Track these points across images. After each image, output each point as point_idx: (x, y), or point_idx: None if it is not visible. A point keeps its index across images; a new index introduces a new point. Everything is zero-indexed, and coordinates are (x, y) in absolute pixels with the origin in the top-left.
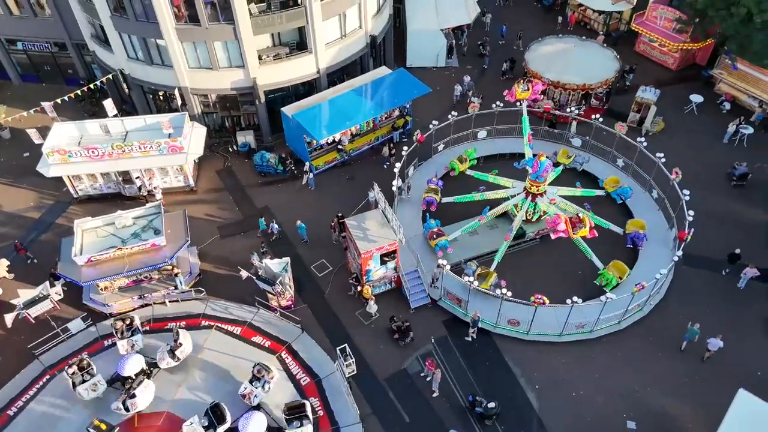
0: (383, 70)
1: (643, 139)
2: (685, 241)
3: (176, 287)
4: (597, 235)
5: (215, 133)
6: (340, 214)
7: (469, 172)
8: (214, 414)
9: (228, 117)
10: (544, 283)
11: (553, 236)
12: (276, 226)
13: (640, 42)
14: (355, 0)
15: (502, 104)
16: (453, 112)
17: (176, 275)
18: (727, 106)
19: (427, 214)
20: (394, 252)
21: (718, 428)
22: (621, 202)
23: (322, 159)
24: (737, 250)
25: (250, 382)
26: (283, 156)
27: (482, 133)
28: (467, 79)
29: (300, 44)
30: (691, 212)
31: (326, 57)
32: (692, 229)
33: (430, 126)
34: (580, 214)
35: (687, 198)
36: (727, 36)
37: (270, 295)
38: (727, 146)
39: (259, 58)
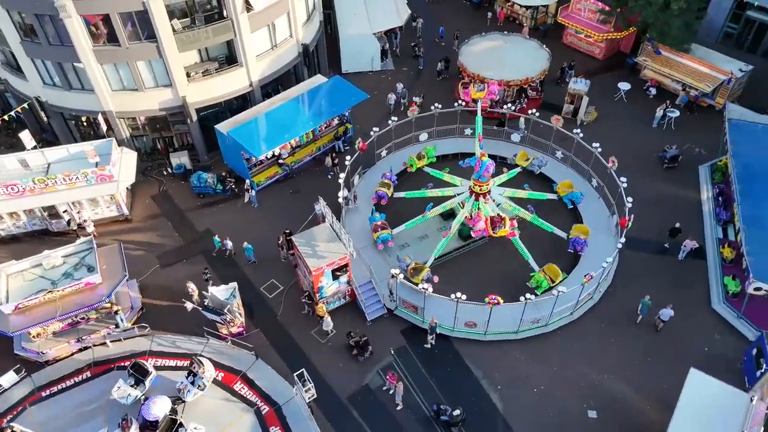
0: (319, 79)
1: (578, 130)
2: (627, 227)
3: (117, 325)
4: (517, 234)
5: (147, 156)
6: (287, 231)
7: (426, 169)
8: (137, 371)
9: (159, 138)
10: (495, 281)
11: (474, 234)
12: (230, 243)
13: (567, 34)
14: (283, 9)
15: (440, 105)
16: (393, 117)
17: (116, 313)
18: (654, 91)
19: (373, 207)
20: (346, 266)
21: (675, 408)
22: (572, 206)
23: (263, 174)
24: (677, 224)
25: (186, 376)
26: (222, 175)
27: (423, 136)
28: (400, 86)
29: (230, 58)
30: (630, 198)
31: (258, 69)
32: (632, 215)
33: (371, 133)
34: (502, 214)
35: (625, 185)
36: (647, 24)
37: (219, 324)
38: (656, 130)
39: (187, 75)
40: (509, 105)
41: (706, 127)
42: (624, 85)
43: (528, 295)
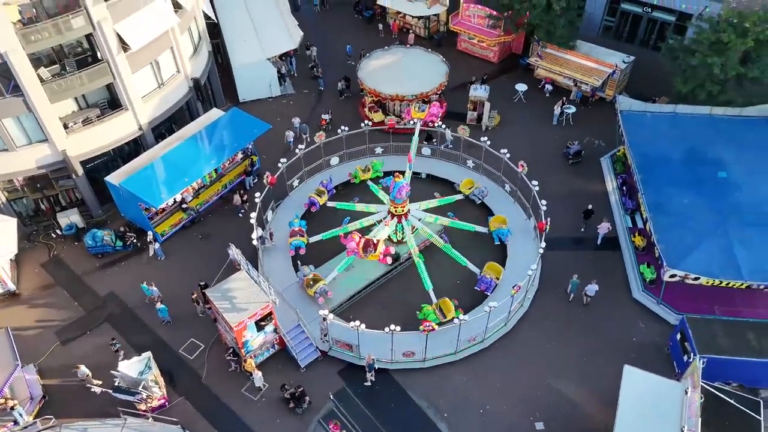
0: (215, 113)
1: (486, 138)
2: (545, 231)
3: (16, 422)
4: (388, 262)
5: (30, 219)
6: (202, 283)
7: (369, 183)
8: None
9: (43, 198)
10: (426, 301)
11: (347, 254)
12: (155, 290)
13: (461, 41)
14: (165, 45)
15: (347, 128)
16: (300, 146)
17: (12, 408)
18: (550, 88)
19: (296, 213)
20: (270, 314)
21: (617, 410)
22: (499, 242)
23: (166, 223)
24: (590, 206)
25: None
26: (120, 230)
27: (334, 160)
28: (297, 121)
29: (113, 102)
30: (544, 201)
31: (146, 111)
32: (548, 219)
33: (279, 164)
34: (375, 239)
35: (537, 188)
36: (534, 25)
37: (136, 402)
38: (557, 127)
39: (65, 126)
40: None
41: (602, 119)
42: (521, 87)
43: (462, 316)
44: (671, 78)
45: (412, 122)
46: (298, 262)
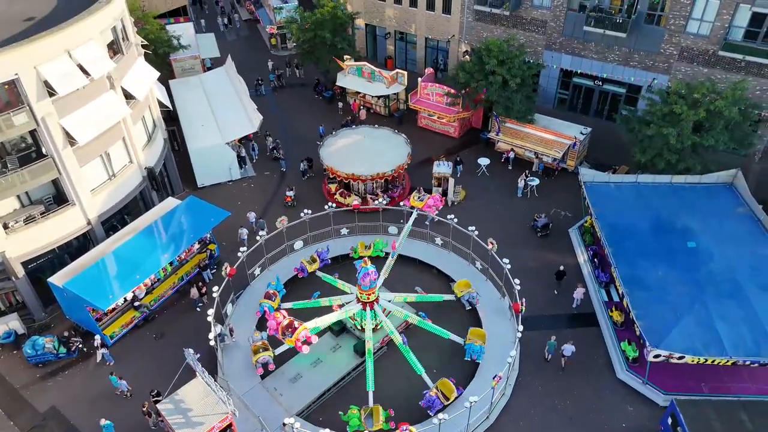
0: (171, 202)
1: (453, 216)
2: (521, 312)
3: None
4: (304, 351)
5: None
6: (153, 392)
7: (319, 273)
8: None
9: None
10: (400, 396)
11: (269, 331)
12: (124, 383)
13: (421, 117)
14: (116, 136)
15: (310, 211)
16: (261, 232)
17: None
18: (512, 155)
19: (277, 275)
20: (230, 426)
21: None
22: (470, 307)
23: (117, 323)
24: (561, 267)
25: None
26: (65, 334)
27: (298, 244)
28: (252, 215)
29: (59, 197)
30: (517, 281)
31: (96, 204)
32: (524, 299)
33: (239, 253)
34: (296, 323)
35: (508, 266)
36: (492, 101)
37: None
38: (522, 199)
39: (5, 226)
40: (381, 200)
41: (566, 190)
42: (483, 161)
43: (441, 416)
44: (629, 148)
45: (377, 201)
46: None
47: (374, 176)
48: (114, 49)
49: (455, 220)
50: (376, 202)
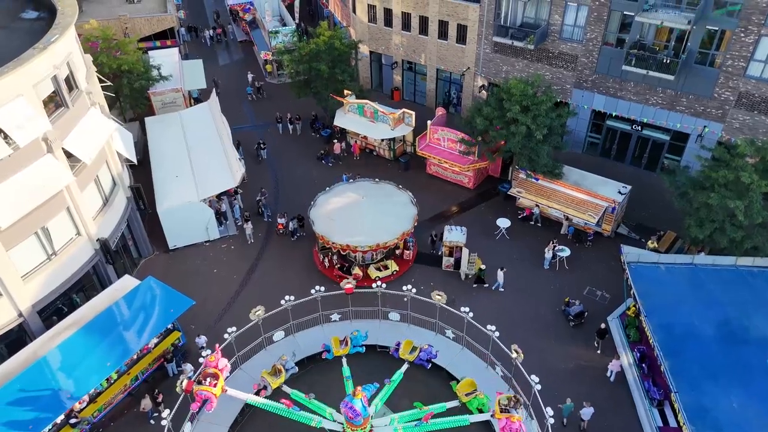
0: (126, 283)
1: (467, 309)
2: None
3: None
4: (192, 408)
5: None
6: None
7: (285, 388)
8: None
9: None
10: None
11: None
12: None
13: (431, 164)
14: (57, 207)
15: (293, 297)
16: (230, 328)
17: None
18: (537, 211)
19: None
20: None
21: None
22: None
23: None
24: (602, 325)
25: None
26: None
27: (279, 335)
28: (202, 340)
29: None
30: (550, 411)
31: (29, 292)
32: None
33: (202, 355)
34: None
35: (538, 386)
36: (513, 153)
37: None
38: (549, 272)
39: None
40: (379, 283)
41: (601, 259)
42: (503, 222)
43: None
44: (676, 206)
45: (375, 285)
46: None
47: (374, 247)
48: (55, 102)
49: (470, 314)
50: (375, 286)
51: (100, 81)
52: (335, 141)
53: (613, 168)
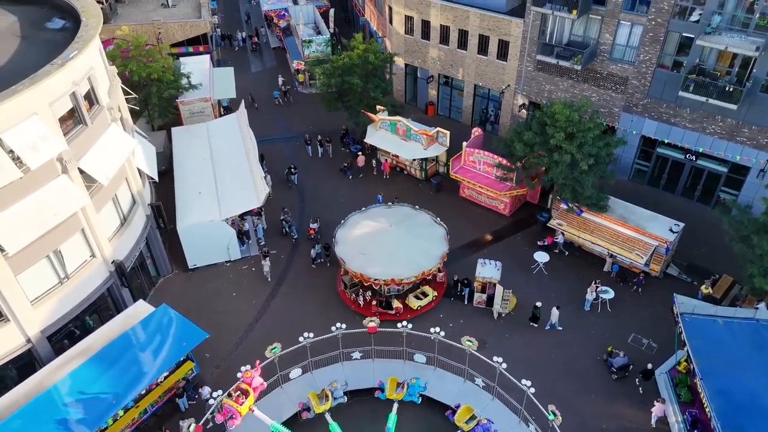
0: (140, 308)
1: (500, 359)
2: None
3: None
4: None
5: None
6: None
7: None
8: None
9: None
10: None
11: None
12: None
13: (464, 186)
14: (71, 230)
15: (312, 335)
16: (243, 367)
17: None
18: (561, 239)
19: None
20: None
21: None
22: None
23: None
24: (649, 365)
25: None
26: None
27: (296, 372)
28: (206, 391)
29: None
30: None
31: (39, 317)
32: None
33: (210, 397)
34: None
35: None
36: (554, 182)
37: None
38: (591, 315)
39: None
40: (407, 325)
41: (648, 304)
42: (541, 257)
43: None
44: (733, 245)
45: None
46: None
47: (388, 281)
48: (74, 118)
49: (504, 365)
50: (399, 325)
51: (125, 93)
52: (359, 153)
53: (662, 198)
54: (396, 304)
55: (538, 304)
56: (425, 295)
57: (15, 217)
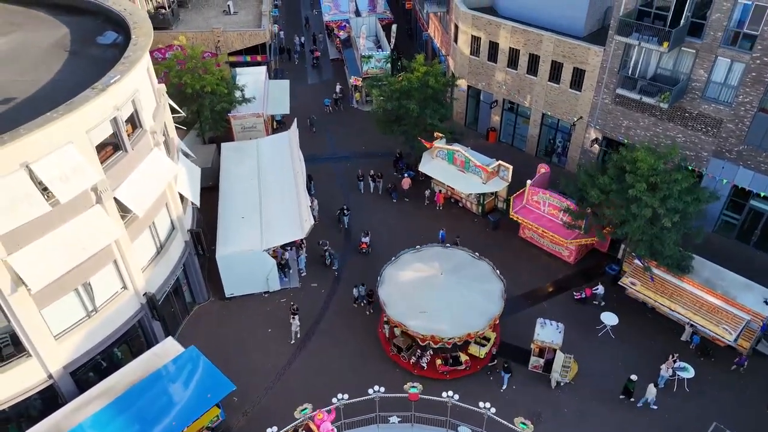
0: (168, 347)
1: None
2: None
3: None
4: None
5: None
6: None
7: None
8: None
9: None
10: None
11: None
12: None
13: (525, 227)
14: (101, 262)
15: (347, 396)
16: (270, 429)
17: None
18: (600, 290)
19: None
20: None
21: None
22: None
23: None
24: None
25: None
26: None
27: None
28: None
29: (15, 339)
30: None
31: (63, 352)
32: None
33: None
34: None
35: None
36: (627, 234)
37: None
38: (666, 394)
39: None
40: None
41: (734, 386)
42: (609, 318)
43: None
44: None
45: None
46: None
47: (426, 337)
48: (113, 145)
49: None
50: (444, 395)
51: (173, 111)
52: (405, 176)
53: (752, 256)
54: (463, 357)
55: (633, 377)
56: (487, 339)
57: (40, 250)
